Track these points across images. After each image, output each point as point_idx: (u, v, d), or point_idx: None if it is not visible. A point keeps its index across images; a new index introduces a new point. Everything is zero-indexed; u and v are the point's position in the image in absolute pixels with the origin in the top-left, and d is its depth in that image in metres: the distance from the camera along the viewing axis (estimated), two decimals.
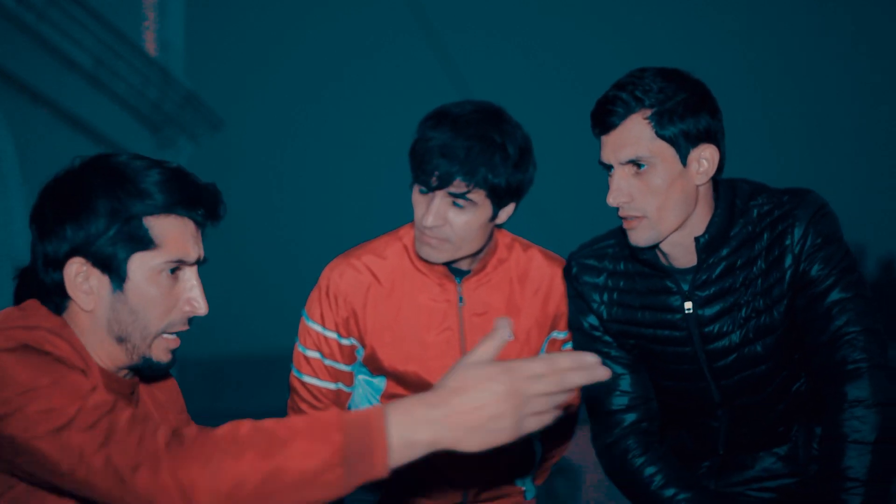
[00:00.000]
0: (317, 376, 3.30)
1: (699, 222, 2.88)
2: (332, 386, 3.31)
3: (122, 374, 2.36)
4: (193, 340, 2.41)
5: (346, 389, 3.33)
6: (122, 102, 10.71)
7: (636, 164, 2.81)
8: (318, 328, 3.28)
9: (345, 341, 3.27)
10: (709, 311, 2.93)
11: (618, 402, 3.03)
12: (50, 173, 2.34)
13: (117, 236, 2.27)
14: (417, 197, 3.14)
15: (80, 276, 2.28)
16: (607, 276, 3.02)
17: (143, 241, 2.27)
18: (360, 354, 3.29)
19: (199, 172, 2.40)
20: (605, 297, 3.01)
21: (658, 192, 2.81)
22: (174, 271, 2.31)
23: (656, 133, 2.79)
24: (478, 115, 3.10)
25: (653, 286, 2.96)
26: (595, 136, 2.85)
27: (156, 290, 2.30)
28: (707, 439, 3.09)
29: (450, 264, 3.22)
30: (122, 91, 10.61)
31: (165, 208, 2.29)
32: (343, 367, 3.30)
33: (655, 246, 2.89)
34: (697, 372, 2.98)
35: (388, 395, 3.30)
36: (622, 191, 2.82)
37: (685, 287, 2.93)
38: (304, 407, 3.33)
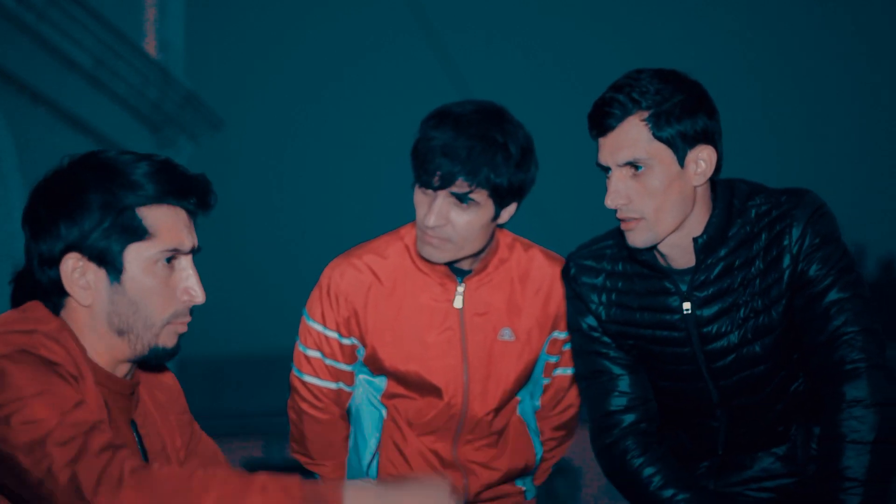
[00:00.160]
0: (317, 376, 3.30)
1: (697, 223, 2.88)
2: (332, 385, 3.31)
3: (121, 372, 2.35)
4: (193, 340, 2.41)
5: (346, 389, 3.32)
6: (122, 102, 10.70)
7: (634, 165, 2.80)
8: (319, 327, 3.28)
9: (346, 341, 3.27)
10: (707, 312, 2.93)
11: (616, 402, 3.03)
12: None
13: (111, 229, 2.27)
14: (419, 197, 3.14)
15: (76, 272, 2.28)
16: (605, 276, 3.01)
17: (138, 232, 2.28)
18: (361, 354, 3.28)
19: (210, 180, 2.41)
20: (604, 297, 3.01)
21: (656, 193, 2.81)
22: (170, 261, 2.32)
23: (654, 135, 2.79)
24: (480, 115, 3.10)
25: (651, 287, 2.96)
26: (592, 137, 2.85)
27: (153, 280, 2.30)
28: (706, 439, 3.09)
29: (451, 264, 3.22)
30: (122, 91, 10.60)
31: (157, 198, 2.30)
32: (344, 367, 3.30)
33: (653, 247, 2.89)
34: (696, 372, 2.98)
35: (388, 395, 3.30)
36: (620, 193, 2.82)
37: (683, 288, 2.93)
38: (304, 406, 3.33)
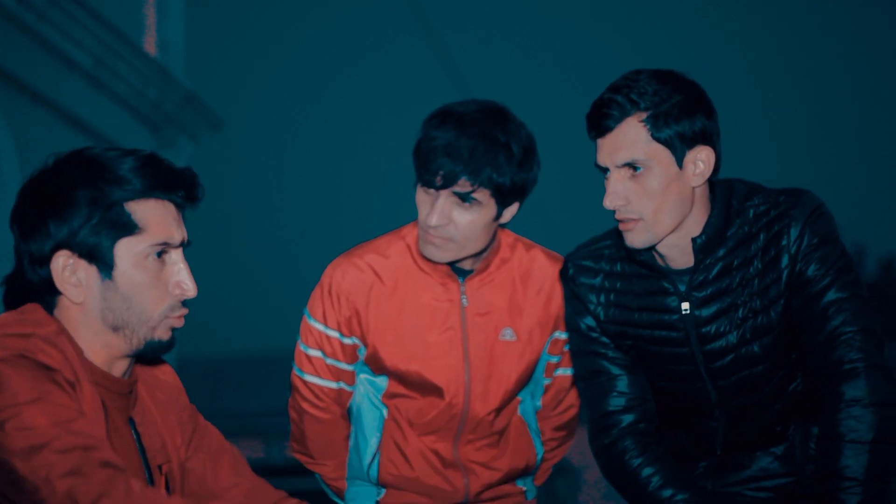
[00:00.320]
0: (318, 375, 3.30)
1: (696, 223, 2.88)
2: (333, 385, 3.31)
3: (119, 371, 2.35)
4: (193, 340, 2.42)
5: (347, 388, 3.32)
6: (122, 102, 10.69)
7: (632, 166, 2.81)
8: (321, 327, 3.27)
9: (347, 340, 3.27)
10: (706, 312, 2.93)
11: (615, 402, 3.02)
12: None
13: (100, 224, 2.27)
14: (421, 196, 3.14)
15: (67, 270, 2.28)
16: (604, 277, 3.01)
17: (127, 227, 2.29)
18: (363, 353, 3.28)
19: (200, 172, 2.41)
20: (602, 298, 3.01)
21: (654, 194, 2.81)
22: (160, 255, 2.32)
23: (652, 136, 2.79)
24: (482, 115, 3.10)
25: (650, 287, 2.96)
26: (590, 138, 2.85)
27: (144, 275, 2.30)
28: (704, 439, 3.09)
29: (453, 264, 3.22)
30: (122, 91, 10.59)
31: (145, 192, 2.30)
32: (345, 366, 3.30)
33: (652, 247, 2.89)
34: (694, 372, 2.98)
35: (389, 395, 3.30)
36: (618, 194, 2.82)
37: (682, 288, 2.93)
38: (305, 406, 3.33)
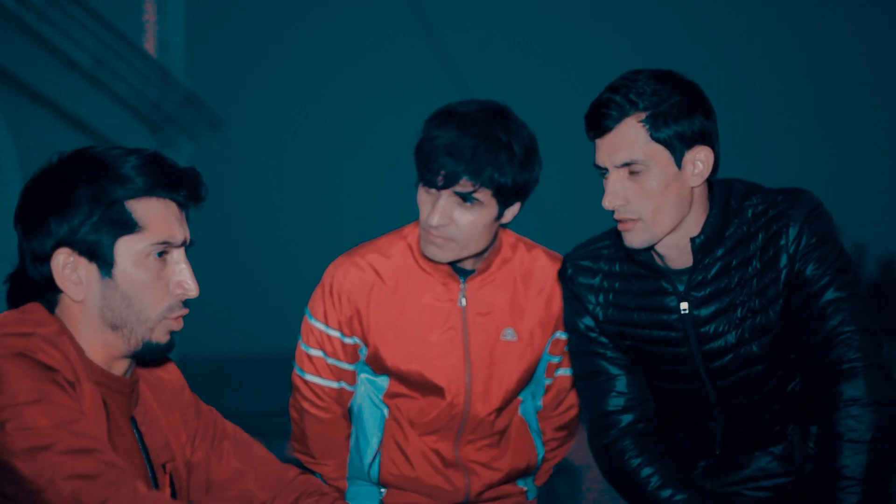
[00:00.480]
0: (319, 375, 3.30)
1: (694, 223, 2.88)
2: (334, 385, 3.31)
3: (119, 370, 2.35)
4: (193, 340, 2.42)
5: (348, 388, 3.32)
6: (122, 102, 10.71)
7: (631, 167, 2.81)
8: (322, 326, 3.28)
9: (348, 340, 3.27)
10: (704, 312, 2.93)
11: (614, 403, 3.02)
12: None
13: (100, 222, 2.27)
14: (423, 196, 3.14)
15: (67, 267, 2.28)
16: (602, 277, 3.01)
17: (127, 225, 2.28)
18: (364, 353, 3.29)
19: (199, 172, 2.41)
20: (601, 298, 3.01)
21: (653, 194, 2.81)
22: (162, 255, 2.32)
23: (651, 136, 2.79)
24: (484, 114, 3.10)
25: (648, 287, 2.96)
26: (589, 139, 2.85)
27: (144, 274, 2.30)
28: (703, 439, 3.09)
29: (454, 264, 3.22)
30: (122, 91, 10.60)
31: (146, 191, 2.30)
32: (346, 366, 3.30)
33: (651, 247, 2.89)
34: (693, 372, 2.98)
35: (390, 395, 3.30)
36: (617, 194, 2.82)
37: (681, 288, 2.93)
38: (306, 405, 3.33)
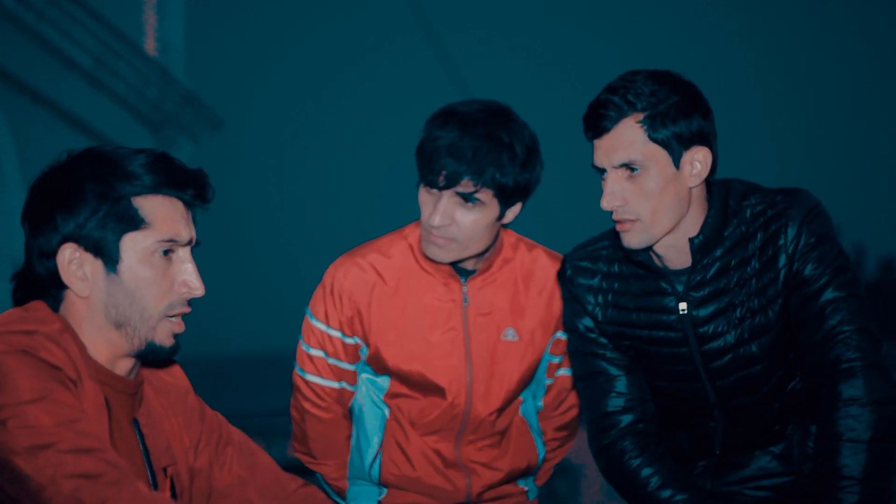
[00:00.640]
0: (320, 375, 3.30)
1: (693, 223, 2.88)
2: (335, 385, 3.31)
3: (123, 370, 2.34)
4: (193, 340, 2.42)
5: (349, 388, 3.33)
6: (122, 102, 10.70)
7: (629, 167, 2.81)
8: (323, 327, 3.28)
9: (349, 340, 3.27)
10: (703, 312, 2.93)
11: (614, 403, 3.02)
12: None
13: (107, 218, 2.27)
14: (424, 196, 3.14)
15: (73, 263, 2.28)
16: (601, 277, 3.01)
17: (134, 221, 2.28)
18: (364, 353, 3.29)
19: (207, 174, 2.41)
20: (600, 298, 3.01)
21: (652, 195, 2.81)
22: (167, 253, 2.32)
23: (649, 136, 2.80)
24: (485, 114, 3.10)
25: (647, 287, 2.96)
26: (588, 139, 2.85)
27: (150, 271, 2.30)
28: (703, 439, 3.09)
29: (455, 264, 3.22)
30: (122, 91, 10.60)
31: (153, 188, 2.30)
32: (347, 366, 3.30)
33: (649, 248, 2.89)
34: (693, 373, 2.98)
35: (391, 395, 3.30)
36: (616, 194, 2.82)
37: (680, 288, 2.93)
38: (307, 406, 3.33)
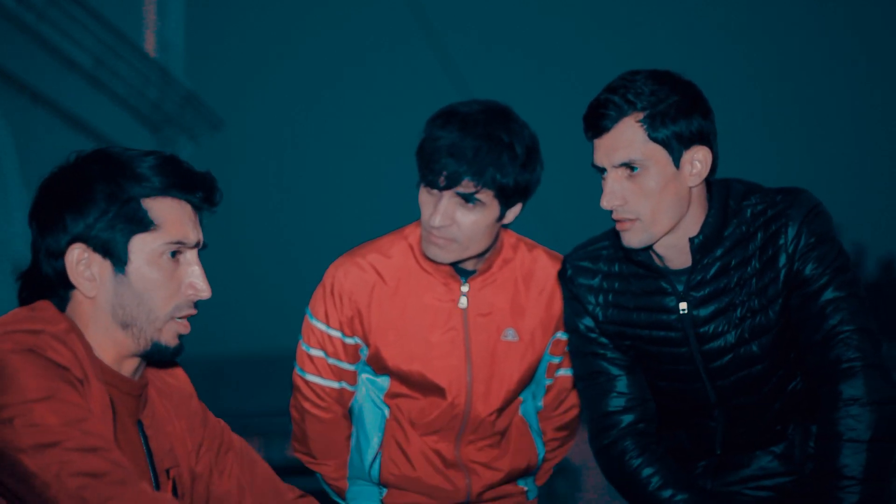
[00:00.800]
0: (320, 375, 3.30)
1: (693, 223, 2.88)
2: (335, 385, 3.31)
3: (128, 371, 2.35)
4: (193, 340, 2.42)
5: (349, 388, 3.33)
6: (122, 102, 10.70)
7: (629, 167, 2.81)
8: (323, 327, 3.28)
9: (349, 340, 3.27)
10: (704, 312, 2.93)
11: (615, 403, 3.02)
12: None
13: (116, 219, 2.28)
14: (425, 196, 3.14)
15: (81, 263, 2.29)
16: (602, 277, 3.01)
17: (143, 223, 2.29)
18: (364, 353, 3.29)
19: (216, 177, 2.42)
20: (601, 298, 3.01)
21: (651, 194, 2.81)
22: (175, 255, 2.33)
23: (649, 136, 2.80)
24: (486, 115, 3.10)
25: (647, 287, 2.96)
26: (588, 139, 2.85)
27: (157, 272, 2.31)
28: (704, 439, 3.09)
29: (455, 264, 3.22)
30: (122, 91, 10.60)
31: (162, 190, 2.31)
32: (347, 366, 3.30)
33: (649, 247, 2.90)
34: (693, 373, 2.98)
35: (391, 395, 3.30)
36: (616, 194, 2.82)
37: (680, 288, 2.93)
38: (307, 406, 3.33)
